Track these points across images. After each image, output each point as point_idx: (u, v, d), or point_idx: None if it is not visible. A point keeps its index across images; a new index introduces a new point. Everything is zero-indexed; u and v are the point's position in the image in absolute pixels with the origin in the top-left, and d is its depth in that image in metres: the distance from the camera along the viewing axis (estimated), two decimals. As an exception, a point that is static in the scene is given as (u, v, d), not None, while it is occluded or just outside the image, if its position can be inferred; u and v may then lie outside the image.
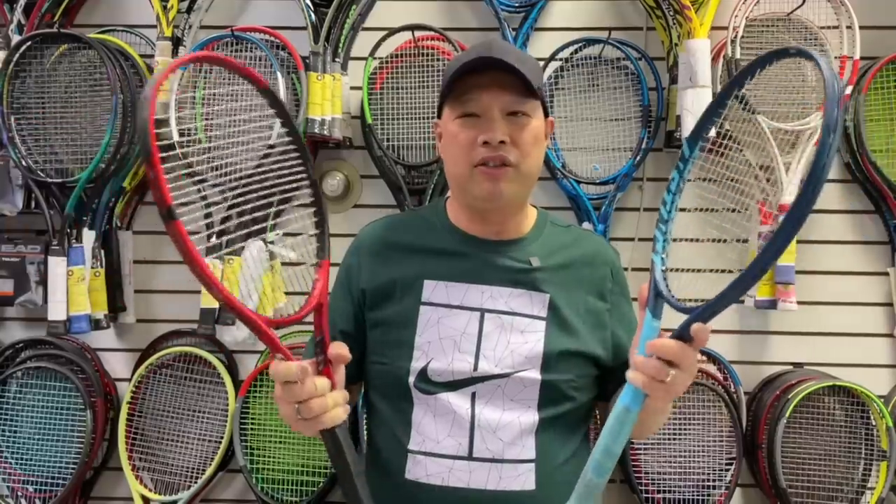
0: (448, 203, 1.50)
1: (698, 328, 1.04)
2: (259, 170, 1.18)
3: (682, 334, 1.04)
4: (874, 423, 2.08)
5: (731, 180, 1.36)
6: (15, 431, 2.18)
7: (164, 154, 0.92)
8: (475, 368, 1.35)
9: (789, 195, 2.03)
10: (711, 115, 1.14)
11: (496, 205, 1.39)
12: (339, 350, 1.16)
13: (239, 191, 1.25)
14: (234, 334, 2.07)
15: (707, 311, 1.03)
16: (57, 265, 2.04)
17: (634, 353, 1.10)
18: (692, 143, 1.15)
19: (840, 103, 0.87)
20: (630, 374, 1.08)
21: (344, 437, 1.13)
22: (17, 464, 2.17)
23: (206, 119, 2.13)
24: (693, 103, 1.98)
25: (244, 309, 1.04)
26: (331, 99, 2.10)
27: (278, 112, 1.15)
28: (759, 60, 1.06)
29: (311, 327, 1.16)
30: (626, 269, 1.54)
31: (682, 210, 1.18)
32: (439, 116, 1.44)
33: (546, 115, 1.42)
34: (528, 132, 1.35)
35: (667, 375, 1.05)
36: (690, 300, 1.07)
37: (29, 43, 2.09)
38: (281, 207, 2.22)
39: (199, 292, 2.06)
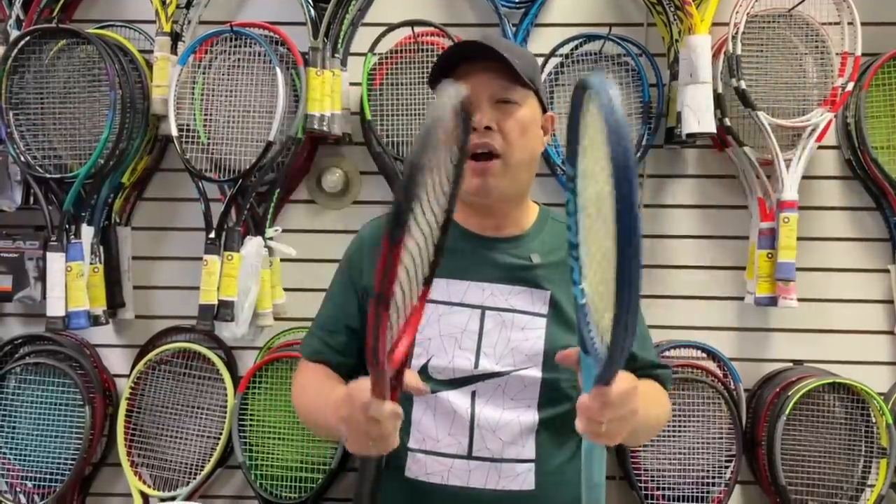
0: (449, 200, 1.50)
1: (596, 396, 0.96)
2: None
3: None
4: (874, 420, 2.08)
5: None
6: (13, 427, 2.17)
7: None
8: (476, 366, 1.35)
9: (789, 192, 2.03)
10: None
11: (485, 200, 1.39)
12: (418, 385, 1.13)
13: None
14: (233, 331, 2.07)
15: (602, 376, 0.93)
16: (55, 261, 2.03)
17: (581, 398, 1.03)
18: (573, 161, 1.05)
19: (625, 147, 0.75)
20: (576, 422, 1.03)
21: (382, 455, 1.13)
22: (15, 460, 2.17)
23: (206, 115, 2.13)
24: (694, 100, 1.97)
25: (384, 361, 0.96)
26: (330, 95, 2.09)
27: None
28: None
29: (307, 324, 1.14)
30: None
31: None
32: None
33: (544, 109, 1.42)
34: (516, 120, 1.35)
35: (600, 428, 0.99)
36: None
37: (27, 38, 2.08)
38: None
39: (197, 289, 2.06)
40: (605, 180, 0.82)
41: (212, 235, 2.08)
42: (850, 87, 2.06)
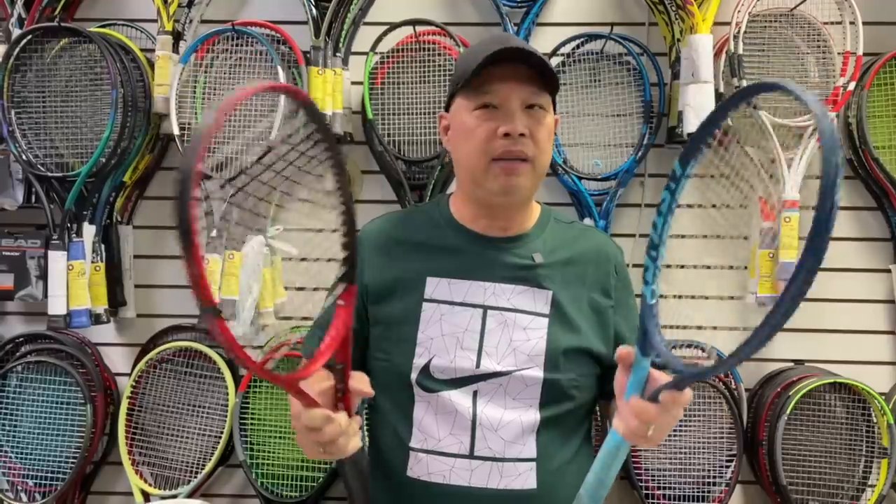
0: (451, 199, 1.50)
1: (668, 398, 1.01)
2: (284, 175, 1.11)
3: (658, 398, 1.01)
4: (875, 420, 2.08)
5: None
6: (15, 426, 2.18)
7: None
8: (477, 366, 1.35)
9: (791, 191, 2.03)
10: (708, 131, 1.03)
11: (510, 199, 1.38)
12: (362, 387, 1.17)
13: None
14: (235, 330, 2.07)
15: (684, 381, 0.98)
16: (57, 259, 2.03)
17: (621, 397, 1.07)
18: (685, 162, 1.04)
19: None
20: (615, 422, 1.07)
21: (359, 459, 1.15)
22: (17, 458, 2.17)
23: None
24: (695, 99, 1.97)
25: (274, 375, 1.01)
26: (332, 94, 2.09)
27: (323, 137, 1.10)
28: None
29: (308, 323, 1.15)
30: (626, 265, 1.53)
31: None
32: (447, 109, 1.43)
33: (554, 110, 1.42)
34: (545, 127, 1.35)
35: (646, 433, 1.04)
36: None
37: (29, 37, 2.09)
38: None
39: (199, 287, 2.06)
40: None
41: (213, 234, 2.08)
42: (851, 86, 2.06)
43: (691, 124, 1.98)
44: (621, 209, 2.23)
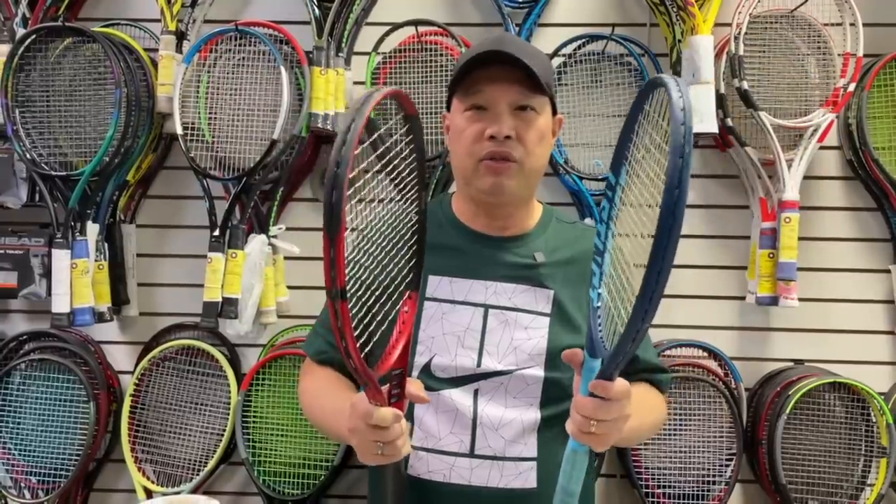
0: (453, 198, 1.51)
1: (596, 387, 1.01)
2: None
3: (592, 391, 1.02)
4: (874, 419, 2.08)
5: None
6: (18, 423, 2.18)
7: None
8: (478, 364, 1.36)
9: (791, 192, 2.03)
10: (625, 141, 1.10)
11: (499, 199, 1.39)
12: (419, 392, 1.17)
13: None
14: (237, 328, 2.08)
15: (604, 371, 0.99)
16: (61, 258, 2.04)
17: (576, 397, 1.08)
18: (617, 171, 1.10)
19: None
20: (567, 423, 1.08)
21: (402, 464, 1.16)
22: (20, 455, 2.18)
23: (210, 113, 2.14)
24: (696, 100, 1.98)
25: (360, 358, 0.99)
26: (334, 94, 2.10)
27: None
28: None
29: (311, 321, 1.15)
30: (627, 265, 1.54)
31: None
32: (448, 109, 1.44)
33: (554, 112, 1.42)
34: (534, 129, 1.35)
35: (590, 429, 1.03)
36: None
37: (33, 36, 2.09)
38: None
39: (201, 286, 2.07)
40: (652, 192, 0.86)
41: (216, 233, 2.09)
42: (851, 87, 2.07)
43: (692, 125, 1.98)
44: (622, 209, 2.24)
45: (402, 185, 1.15)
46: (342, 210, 0.85)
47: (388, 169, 1.10)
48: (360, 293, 1.07)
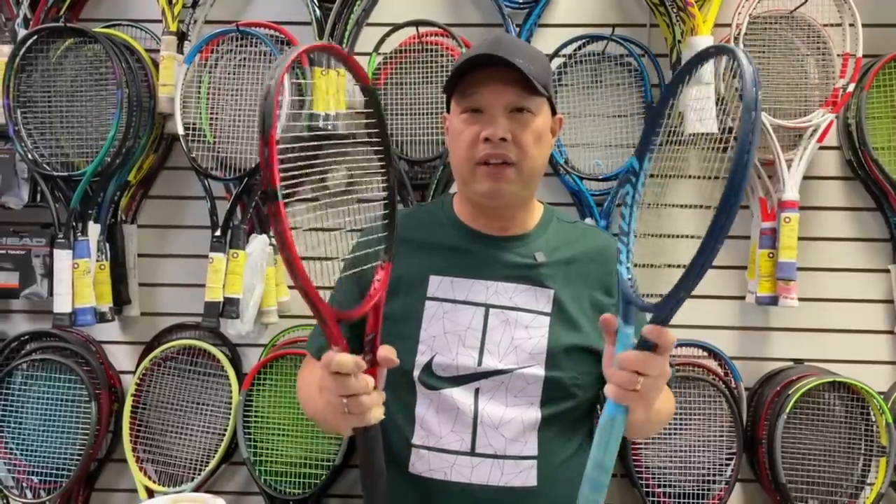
0: (454, 198, 1.51)
1: (651, 331, 1.03)
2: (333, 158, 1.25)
3: (643, 342, 1.04)
4: (874, 419, 2.09)
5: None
6: (20, 423, 2.19)
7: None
8: (479, 363, 1.36)
9: (791, 192, 2.04)
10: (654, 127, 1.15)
11: (497, 203, 1.40)
12: (389, 354, 1.17)
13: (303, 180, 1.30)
14: (238, 328, 2.08)
15: (659, 313, 1.03)
16: (62, 258, 2.05)
17: (610, 367, 1.09)
18: (641, 157, 1.17)
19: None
20: (606, 388, 1.09)
21: (376, 436, 1.15)
22: (22, 455, 2.18)
23: (211, 113, 2.14)
24: (696, 100, 1.98)
25: (319, 300, 1.06)
26: (335, 94, 2.10)
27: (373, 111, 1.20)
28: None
29: (312, 321, 1.16)
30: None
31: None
32: (448, 110, 1.44)
33: (553, 112, 1.43)
34: (531, 131, 1.35)
35: (636, 384, 1.04)
36: (656, 296, 1.07)
37: (35, 37, 2.10)
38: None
39: (203, 286, 2.07)
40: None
41: (217, 233, 2.09)
42: (851, 88, 2.07)
43: (692, 125, 1.99)
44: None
45: (368, 159, 1.21)
46: (274, 114, 0.94)
47: (351, 144, 1.17)
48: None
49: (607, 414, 1.09)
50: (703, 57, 1.06)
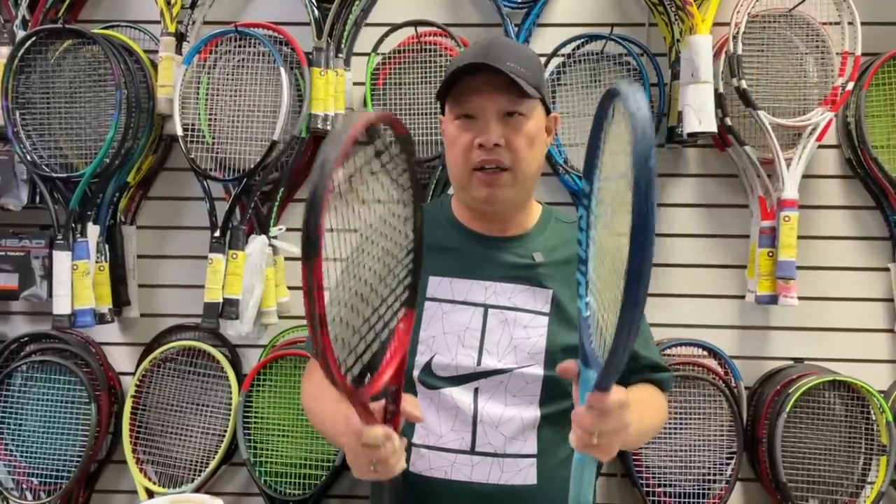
0: (453, 199, 1.52)
1: (592, 400, 0.98)
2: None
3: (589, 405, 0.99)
4: (874, 417, 2.09)
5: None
6: (20, 424, 2.19)
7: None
8: (478, 363, 1.36)
9: (790, 190, 2.04)
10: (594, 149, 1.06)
11: (493, 208, 1.41)
12: (415, 412, 1.14)
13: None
14: (238, 329, 2.08)
15: (599, 384, 0.95)
16: (62, 259, 2.04)
17: (576, 409, 1.04)
18: (589, 178, 1.08)
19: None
20: (570, 435, 1.05)
21: (398, 479, 1.14)
22: (22, 456, 2.18)
23: (210, 114, 2.14)
24: (695, 99, 1.98)
25: (344, 380, 0.93)
26: (334, 94, 2.11)
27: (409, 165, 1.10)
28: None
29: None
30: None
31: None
32: (443, 113, 1.45)
33: (548, 111, 1.43)
34: (523, 134, 1.36)
35: (592, 441, 1.00)
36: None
37: (33, 38, 2.09)
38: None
39: (202, 287, 2.07)
40: (624, 194, 0.82)
41: (216, 234, 2.09)
42: (850, 86, 2.07)
43: (691, 124, 1.99)
44: (622, 209, 2.24)
45: (396, 203, 1.12)
46: (319, 238, 0.84)
47: (381, 187, 1.06)
48: (350, 312, 1.02)
49: (576, 458, 1.06)
50: (613, 95, 0.94)
